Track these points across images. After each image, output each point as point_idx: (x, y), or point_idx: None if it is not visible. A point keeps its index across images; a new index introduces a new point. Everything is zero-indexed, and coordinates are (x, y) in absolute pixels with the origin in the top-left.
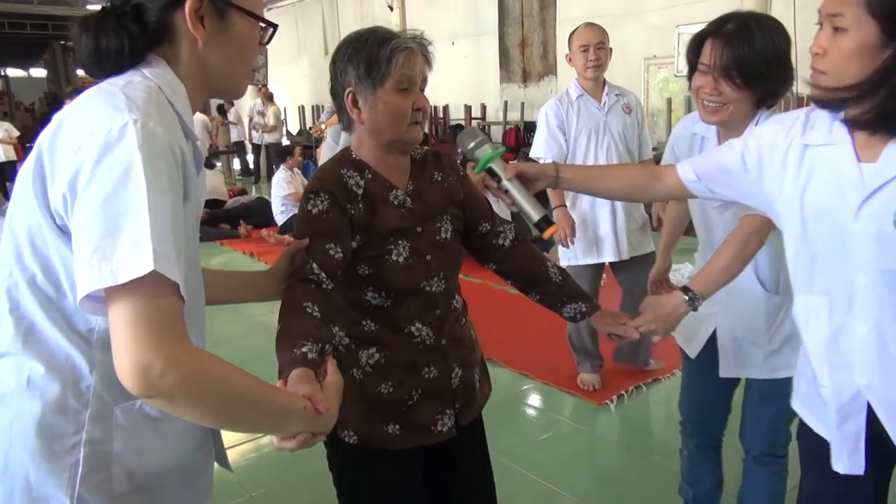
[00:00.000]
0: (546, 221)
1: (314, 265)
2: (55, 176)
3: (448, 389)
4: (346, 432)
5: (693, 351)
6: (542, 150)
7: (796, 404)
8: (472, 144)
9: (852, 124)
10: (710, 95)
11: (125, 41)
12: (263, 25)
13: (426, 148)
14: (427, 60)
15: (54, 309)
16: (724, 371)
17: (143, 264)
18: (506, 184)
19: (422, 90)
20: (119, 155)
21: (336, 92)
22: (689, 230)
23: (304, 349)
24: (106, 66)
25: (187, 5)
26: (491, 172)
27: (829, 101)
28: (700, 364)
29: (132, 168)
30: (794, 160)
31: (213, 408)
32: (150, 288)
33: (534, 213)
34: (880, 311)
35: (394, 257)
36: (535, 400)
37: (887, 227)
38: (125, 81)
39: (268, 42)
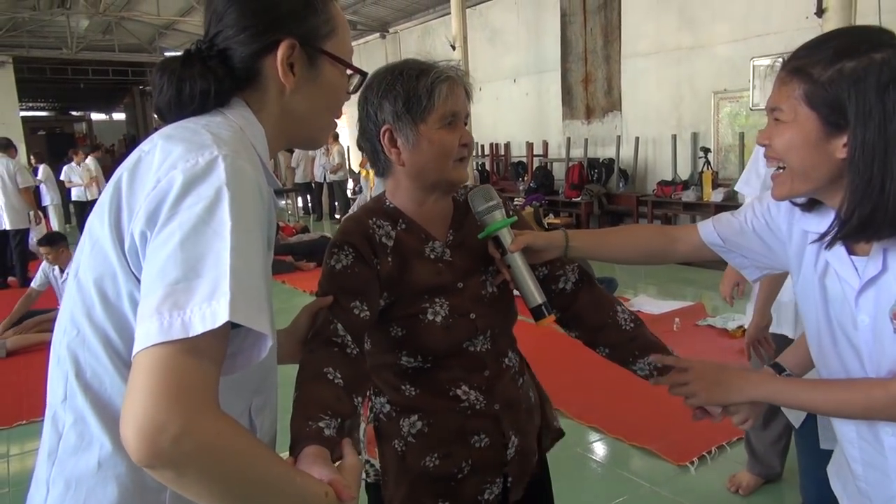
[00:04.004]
0: (546, 309)
1: (339, 325)
2: (133, 213)
3: (502, 460)
4: None
5: (797, 420)
6: (741, 183)
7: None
8: (482, 207)
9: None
10: None
11: (211, 85)
12: (350, 73)
13: (470, 186)
14: (467, 92)
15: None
16: (825, 443)
17: (217, 314)
18: (509, 257)
19: (465, 124)
20: (204, 191)
21: (368, 133)
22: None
23: (320, 423)
24: (187, 110)
25: (279, 53)
26: (497, 242)
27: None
28: (811, 437)
29: (218, 205)
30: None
31: (224, 486)
32: (203, 345)
33: (534, 297)
34: None
35: (430, 316)
36: (605, 457)
37: (886, 323)
38: (206, 120)
39: (355, 91)
